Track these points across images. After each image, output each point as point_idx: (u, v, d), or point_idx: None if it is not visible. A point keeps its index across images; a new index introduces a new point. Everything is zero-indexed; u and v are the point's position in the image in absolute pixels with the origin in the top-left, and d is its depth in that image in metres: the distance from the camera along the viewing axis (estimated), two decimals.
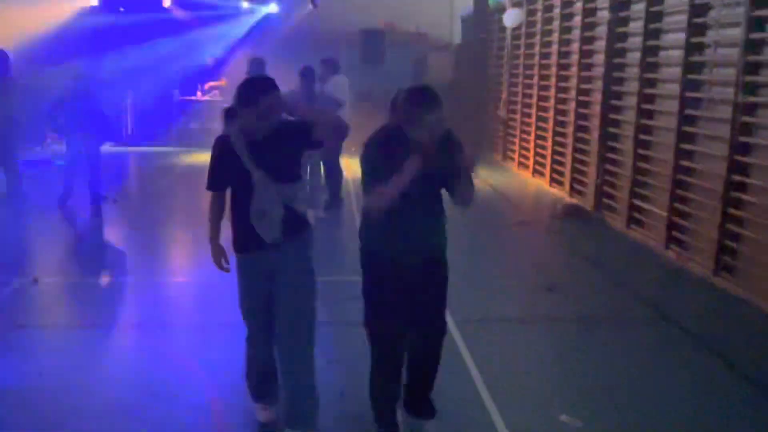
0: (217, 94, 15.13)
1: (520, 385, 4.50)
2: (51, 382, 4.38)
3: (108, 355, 5.01)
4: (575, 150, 10.10)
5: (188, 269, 7.14)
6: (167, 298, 6.29)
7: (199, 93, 15.59)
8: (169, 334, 5.27)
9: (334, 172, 9.31)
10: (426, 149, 3.40)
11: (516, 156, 13.23)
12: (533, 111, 12.09)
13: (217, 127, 8.98)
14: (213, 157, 3.64)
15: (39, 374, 4.48)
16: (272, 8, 15.68)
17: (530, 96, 12.34)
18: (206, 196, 3.76)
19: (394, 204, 3.45)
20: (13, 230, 8.17)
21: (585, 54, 9.80)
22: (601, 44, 9.22)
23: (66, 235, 8.62)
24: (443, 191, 3.69)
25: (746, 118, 6.18)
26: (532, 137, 12.17)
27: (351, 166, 8.71)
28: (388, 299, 3.65)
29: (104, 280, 6.74)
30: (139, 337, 5.27)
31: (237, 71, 9.96)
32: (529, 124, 12.41)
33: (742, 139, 6.22)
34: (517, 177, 12.52)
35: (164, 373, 4.57)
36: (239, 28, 15.62)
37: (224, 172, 3.60)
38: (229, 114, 4.47)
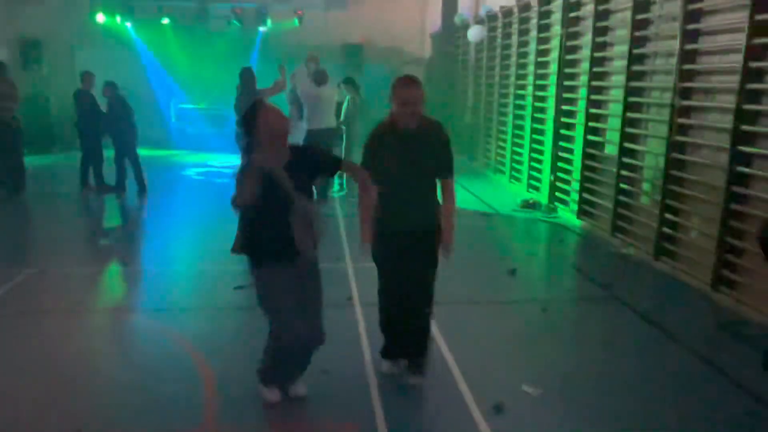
0: None
1: (486, 360, 4.37)
2: None
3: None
4: (532, 150, 10.00)
5: None
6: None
7: None
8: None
9: None
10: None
11: (478, 155, 13.13)
12: (494, 116, 11.98)
13: None
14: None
15: None
16: (264, 27, 15.51)
17: (491, 103, 12.23)
18: None
19: (395, 188, 3.65)
20: None
21: (540, 65, 9.68)
22: (554, 55, 9.10)
23: None
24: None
25: (682, 120, 6.10)
26: (493, 139, 12.07)
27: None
28: (390, 258, 3.82)
29: None
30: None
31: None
32: (490, 128, 12.30)
33: (678, 138, 6.14)
34: (480, 173, 12.41)
35: None
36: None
37: None
38: None
